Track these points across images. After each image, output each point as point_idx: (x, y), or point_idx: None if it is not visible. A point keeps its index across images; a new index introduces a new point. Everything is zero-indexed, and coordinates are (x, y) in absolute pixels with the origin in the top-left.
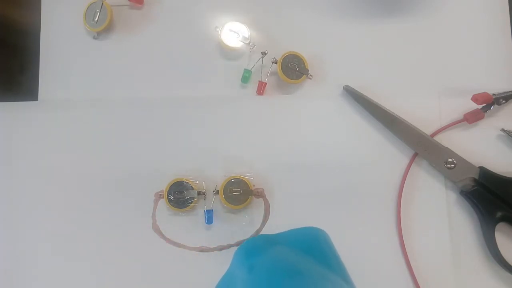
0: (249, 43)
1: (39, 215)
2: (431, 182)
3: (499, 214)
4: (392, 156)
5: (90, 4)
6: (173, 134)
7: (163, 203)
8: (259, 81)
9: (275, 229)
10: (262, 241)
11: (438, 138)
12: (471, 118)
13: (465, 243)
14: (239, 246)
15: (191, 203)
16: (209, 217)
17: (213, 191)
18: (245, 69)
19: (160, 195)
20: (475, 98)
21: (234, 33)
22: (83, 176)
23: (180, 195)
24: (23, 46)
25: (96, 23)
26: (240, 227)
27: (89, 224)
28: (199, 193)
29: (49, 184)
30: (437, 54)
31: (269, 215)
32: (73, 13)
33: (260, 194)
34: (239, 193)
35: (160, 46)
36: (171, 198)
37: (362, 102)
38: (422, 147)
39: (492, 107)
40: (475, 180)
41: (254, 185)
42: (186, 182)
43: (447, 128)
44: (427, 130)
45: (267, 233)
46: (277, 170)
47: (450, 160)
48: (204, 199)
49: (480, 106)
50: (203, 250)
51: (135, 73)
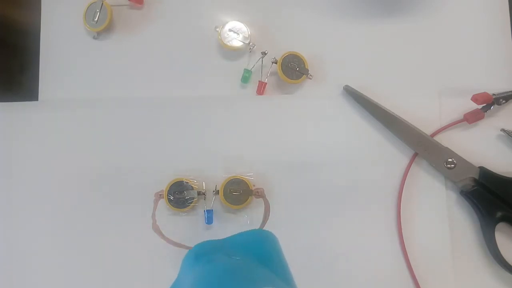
0: (249, 43)
1: (39, 215)
2: (431, 182)
3: (499, 214)
4: (392, 156)
5: (90, 4)
6: (173, 134)
7: (163, 203)
8: (259, 81)
9: (275, 229)
10: (210, 245)
11: (438, 138)
12: (471, 118)
13: (465, 243)
14: (188, 251)
15: (191, 203)
16: (209, 217)
17: (213, 191)
18: (245, 69)
19: (160, 195)
20: (475, 98)
21: (234, 33)
22: (83, 176)
23: (180, 195)
24: (23, 46)
25: (96, 23)
26: (240, 227)
27: (89, 224)
28: (199, 193)
29: (49, 184)
30: (437, 54)
31: (269, 215)
32: (73, 13)
33: (260, 194)
34: (239, 193)
35: (160, 46)
36: (171, 198)
37: (362, 102)
38: (422, 147)
39: (492, 107)
40: (475, 180)
41: (254, 185)
42: (186, 182)
43: (447, 128)
44: (427, 130)
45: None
46: (277, 170)
47: (450, 160)
48: (204, 199)
49: (480, 106)
50: None
51: (135, 73)
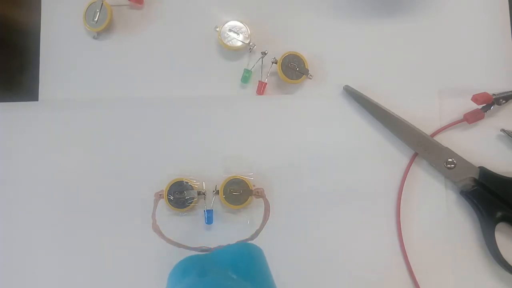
0: (249, 43)
1: (39, 215)
2: (431, 182)
3: (499, 214)
4: (392, 156)
5: (90, 4)
6: (173, 134)
7: (163, 203)
8: (259, 81)
9: (275, 229)
10: (194, 260)
11: (438, 138)
12: (471, 118)
13: (465, 243)
14: (174, 266)
15: (191, 203)
16: (209, 217)
17: (213, 191)
18: (245, 69)
19: (160, 195)
20: (475, 98)
21: (234, 33)
22: (83, 176)
23: (180, 195)
24: (23, 46)
25: (96, 23)
26: (240, 227)
27: (89, 224)
28: (199, 193)
29: (49, 184)
30: (437, 54)
31: (269, 215)
32: (73, 13)
33: (260, 194)
34: (239, 193)
35: (160, 46)
36: (171, 198)
37: (362, 102)
38: (422, 147)
39: (492, 107)
40: (475, 180)
41: (254, 185)
42: (186, 182)
43: (447, 128)
44: (427, 130)
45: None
46: (277, 170)
47: (450, 160)
48: (204, 199)
49: (480, 106)
50: (203, 250)
51: (135, 73)
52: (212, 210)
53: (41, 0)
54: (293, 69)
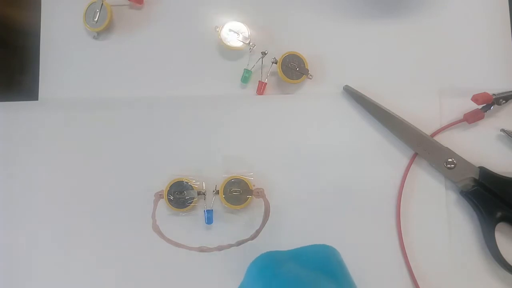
0: (249, 43)
1: (39, 215)
2: (431, 182)
3: (499, 214)
4: (392, 156)
5: (90, 4)
6: (173, 134)
7: (163, 203)
8: (259, 81)
9: (275, 229)
10: (276, 257)
11: (438, 138)
12: (471, 118)
13: (465, 243)
14: (253, 261)
15: (191, 203)
16: (209, 217)
17: (213, 191)
18: (245, 69)
19: (160, 195)
20: (475, 98)
21: (234, 33)
22: (83, 176)
23: (180, 195)
24: (23, 46)
25: (96, 23)
26: (240, 227)
27: (89, 224)
28: (199, 193)
29: (49, 184)
30: (437, 54)
31: (269, 215)
32: (73, 13)
33: (260, 194)
34: (239, 193)
35: (160, 46)
36: (171, 198)
37: (362, 102)
38: (422, 147)
39: (492, 107)
40: (475, 180)
41: (254, 185)
42: (186, 182)
43: (447, 128)
44: (427, 130)
45: (279, 249)
46: (277, 170)
47: (450, 160)
48: (204, 199)
49: (480, 106)
50: (203, 250)
51: (135, 73)
52: (212, 210)
53: (41, 0)
54: (293, 69)
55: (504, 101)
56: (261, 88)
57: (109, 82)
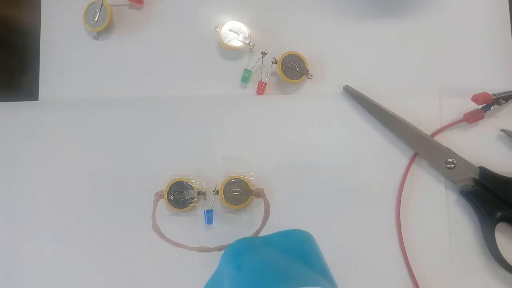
0: (249, 43)
1: (39, 215)
2: (431, 182)
3: (499, 214)
4: (392, 156)
5: (90, 4)
6: (173, 134)
7: (163, 203)
8: (259, 81)
9: (275, 229)
10: (250, 242)
11: (438, 138)
12: (471, 118)
13: (465, 243)
14: (227, 247)
15: (191, 203)
16: (209, 217)
17: (213, 191)
18: (245, 69)
19: (160, 195)
20: (475, 98)
21: (234, 33)
22: (83, 176)
23: (180, 195)
24: (23, 46)
25: (96, 23)
26: (240, 227)
27: (89, 224)
28: (199, 193)
29: (49, 184)
30: (437, 54)
31: (269, 215)
32: (73, 13)
33: (260, 194)
34: (239, 193)
35: (160, 46)
36: (171, 198)
37: (362, 102)
38: (422, 147)
39: (492, 107)
40: (475, 180)
41: (254, 185)
42: (186, 182)
43: (447, 128)
44: (427, 130)
45: (265, 234)
46: (277, 170)
47: (450, 160)
48: (204, 199)
49: (480, 106)
50: (203, 250)
51: (135, 73)
52: (212, 210)
53: (41, 0)
54: (293, 69)
55: (504, 101)
56: (261, 88)
57: (109, 82)
